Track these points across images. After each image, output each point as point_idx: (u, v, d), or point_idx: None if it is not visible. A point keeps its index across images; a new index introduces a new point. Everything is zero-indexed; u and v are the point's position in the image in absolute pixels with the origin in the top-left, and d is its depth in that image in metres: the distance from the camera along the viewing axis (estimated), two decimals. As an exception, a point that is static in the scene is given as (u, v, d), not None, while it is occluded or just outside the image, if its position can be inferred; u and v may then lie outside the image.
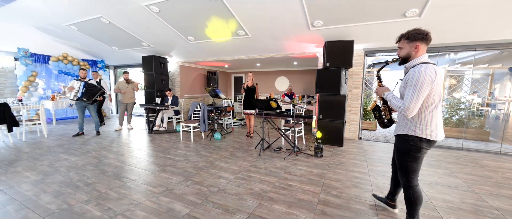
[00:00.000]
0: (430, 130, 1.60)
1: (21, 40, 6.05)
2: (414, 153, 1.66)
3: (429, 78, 1.50)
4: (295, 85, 8.82)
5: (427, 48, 1.68)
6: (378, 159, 3.65)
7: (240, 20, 4.22)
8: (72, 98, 4.89)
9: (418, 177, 1.74)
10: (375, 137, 5.42)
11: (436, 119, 1.61)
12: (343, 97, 4.31)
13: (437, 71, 1.55)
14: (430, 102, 1.58)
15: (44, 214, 1.97)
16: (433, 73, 1.52)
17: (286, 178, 2.84)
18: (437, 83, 1.55)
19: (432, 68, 1.54)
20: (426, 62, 1.58)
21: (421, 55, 1.65)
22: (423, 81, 1.50)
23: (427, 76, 1.50)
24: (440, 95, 1.60)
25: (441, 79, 1.60)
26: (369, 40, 4.40)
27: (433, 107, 1.60)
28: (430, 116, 1.60)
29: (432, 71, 1.52)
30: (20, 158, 3.45)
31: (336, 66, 4.30)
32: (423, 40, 1.64)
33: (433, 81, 1.52)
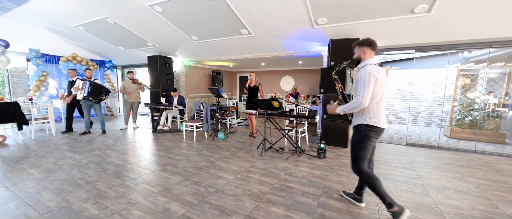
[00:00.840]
0: (377, 119, 1.89)
1: (33, 41, 6.25)
2: (364, 140, 1.93)
3: (373, 74, 1.82)
4: (300, 85, 8.71)
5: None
6: (384, 161, 3.52)
7: (242, 19, 4.18)
8: (78, 97, 5.00)
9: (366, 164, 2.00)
10: (381, 138, 5.24)
11: (379, 109, 1.90)
12: (348, 97, 4.18)
13: (379, 70, 1.86)
14: (375, 95, 1.86)
15: (43, 211, 2.00)
16: (376, 71, 1.84)
17: (286, 179, 2.77)
18: (380, 80, 1.84)
19: (375, 67, 1.87)
20: (372, 63, 1.91)
21: (369, 58, 1.97)
22: (369, 75, 1.81)
23: (371, 73, 1.82)
24: (384, 90, 1.90)
25: (384, 77, 1.89)
26: (376, 38, 4.14)
27: (378, 99, 1.89)
28: (376, 107, 1.89)
29: (375, 69, 1.85)
30: (27, 155, 3.55)
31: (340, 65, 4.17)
32: (369, 46, 1.98)
33: (376, 77, 1.82)
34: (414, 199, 2.34)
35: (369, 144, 1.93)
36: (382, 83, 1.86)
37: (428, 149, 4.34)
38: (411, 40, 4.17)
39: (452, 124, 5.69)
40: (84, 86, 4.96)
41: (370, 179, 1.91)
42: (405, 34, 3.97)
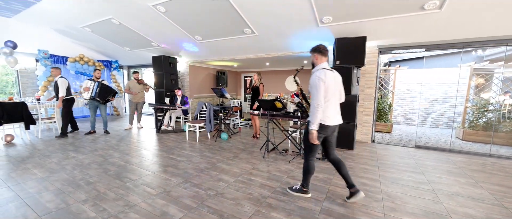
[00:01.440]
0: (324, 117, 2.10)
1: (41, 42, 6.38)
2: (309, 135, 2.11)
3: (320, 79, 2.04)
4: (305, 85, 8.56)
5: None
6: (392, 165, 3.38)
7: (246, 18, 4.11)
8: (85, 97, 5.05)
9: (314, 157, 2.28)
10: (390, 140, 5.07)
11: (329, 109, 2.12)
12: (354, 97, 4.06)
13: (327, 73, 2.07)
14: (328, 98, 2.10)
15: (42, 213, 1.99)
16: (323, 75, 2.05)
17: (289, 183, 2.68)
18: (328, 83, 2.06)
19: (323, 72, 2.08)
20: (323, 68, 2.12)
21: (321, 63, 2.18)
22: (318, 80, 2.04)
23: (319, 77, 2.04)
24: (333, 92, 2.13)
25: (332, 80, 2.11)
26: (384, 36, 4.10)
27: (327, 100, 2.10)
28: (325, 107, 2.09)
29: (322, 73, 2.06)
30: (32, 155, 3.59)
31: (346, 64, 4.05)
32: (320, 52, 2.19)
33: (323, 80, 2.03)
34: (423, 206, 2.21)
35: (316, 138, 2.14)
36: (330, 86, 2.08)
37: (439, 151, 4.15)
38: (421, 38, 4.00)
39: (464, 126, 5.45)
40: (92, 87, 4.99)
41: (309, 169, 2.28)
42: (414, 32, 3.81)
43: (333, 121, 2.16)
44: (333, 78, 2.13)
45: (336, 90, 2.18)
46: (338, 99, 2.26)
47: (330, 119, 2.13)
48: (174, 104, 5.37)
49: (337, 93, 2.20)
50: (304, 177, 2.32)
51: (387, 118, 6.02)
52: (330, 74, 2.12)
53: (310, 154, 2.25)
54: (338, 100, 2.26)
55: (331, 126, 2.14)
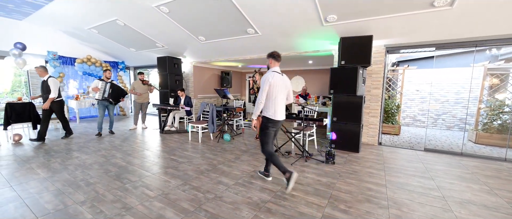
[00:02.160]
0: (271, 112, 2.50)
1: (51, 44, 6.53)
2: (265, 128, 2.55)
3: (267, 80, 2.44)
4: (311, 85, 8.44)
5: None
6: (399, 169, 3.24)
7: (248, 17, 4.06)
8: (97, 98, 5.00)
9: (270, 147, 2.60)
10: (397, 142, 4.89)
11: (275, 106, 2.50)
12: (359, 98, 3.93)
13: (275, 76, 2.46)
14: (270, 95, 2.47)
15: (40, 214, 1.99)
16: (271, 77, 2.44)
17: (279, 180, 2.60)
18: (274, 84, 2.45)
19: (272, 74, 2.47)
20: (273, 71, 2.52)
21: (273, 67, 2.58)
22: (264, 82, 2.45)
23: (266, 79, 2.44)
24: (278, 92, 2.48)
25: (279, 81, 2.49)
26: (391, 35, 3.95)
27: (274, 98, 2.48)
28: (271, 104, 2.49)
29: (270, 76, 2.45)
30: (37, 154, 3.65)
31: (352, 64, 3.93)
32: (273, 58, 2.58)
33: (270, 82, 2.43)
34: (432, 214, 2.08)
35: (268, 131, 2.56)
36: (277, 86, 2.48)
37: (450, 155, 3.96)
38: (431, 37, 3.83)
39: (478, 128, 5.21)
40: (103, 87, 4.96)
41: (271, 156, 2.56)
42: (424, 30, 3.65)
43: (279, 116, 2.54)
44: (280, 80, 2.51)
45: (283, 92, 2.56)
46: (285, 98, 2.63)
47: (278, 114, 2.52)
48: (178, 105, 5.37)
49: (284, 94, 2.58)
50: (274, 163, 2.55)
51: (395, 120, 5.83)
52: (278, 76, 2.51)
53: (266, 144, 2.59)
54: (284, 99, 2.63)
55: (279, 120, 2.55)
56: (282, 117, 2.56)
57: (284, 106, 2.61)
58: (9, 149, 3.98)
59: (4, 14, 5.60)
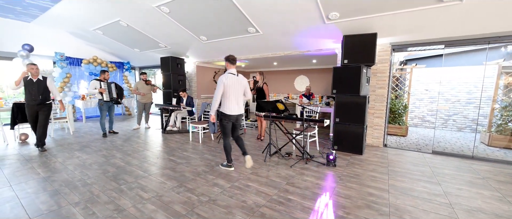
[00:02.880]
0: (226, 108, 2.94)
1: (58, 45, 6.68)
2: (222, 122, 3.00)
3: (221, 81, 2.85)
4: (315, 85, 8.28)
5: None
6: (404, 172, 3.09)
7: (248, 16, 3.99)
8: (105, 99, 4.90)
9: (229, 138, 3.08)
10: (404, 144, 4.71)
11: (229, 103, 2.92)
12: (363, 98, 3.79)
13: (229, 77, 2.87)
14: (225, 94, 2.89)
15: (33, 214, 1.99)
16: (225, 78, 2.85)
17: (287, 190, 2.52)
18: (228, 84, 2.86)
19: (226, 75, 2.89)
20: (229, 72, 2.93)
21: (229, 69, 2.98)
22: (219, 83, 2.87)
23: (222, 80, 2.85)
24: (232, 91, 2.90)
25: (232, 82, 2.90)
26: (396, 32, 3.79)
27: (228, 96, 2.90)
28: (227, 101, 2.92)
29: (225, 77, 2.87)
30: (41, 154, 3.71)
31: (355, 63, 3.79)
32: (228, 61, 2.99)
33: (224, 82, 2.84)
34: (437, 222, 1.96)
35: (224, 123, 3.00)
36: (231, 87, 2.89)
37: (460, 158, 3.76)
38: (440, 34, 3.65)
39: (491, 130, 4.94)
40: (108, 88, 4.92)
41: (226, 148, 3.08)
42: (431, 27, 3.47)
43: (233, 111, 2.97)
44: (235, 81, 2.93)
45: (238, 90, 2.97)
46: (240, 96, 3.02)
47: (231, 109, 2.95)
48: (180, 104, 5.37)
49: (239, 92, 2.99)
50: (226, 154, 3.11)
51: (402, 120, 5.62)
52: (233, 77, 2.92)
53: (225, 135, 3.06)
54: (240, 96, 3.02)
55: (232, 114, 2.97)
56: (237, 112, 2.99)
57: (240, 103, 3.04)
58: (15, 148, 4.08)
59: (13, 17, 5.76)
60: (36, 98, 3.79)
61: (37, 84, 3.78)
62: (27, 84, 3.74)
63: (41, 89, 3.81)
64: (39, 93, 3.80)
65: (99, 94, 4.87)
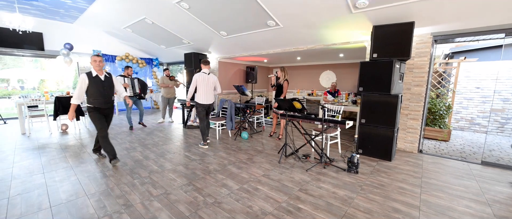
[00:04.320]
0: (199, 98, 3.85)
1: (96, 43, 7.30)
2: (197, 108, 3.94)
3: (195, 78, 3.82)
4: (342, 81, 7.70)
5: None
6: (442, 186, 2.63)
7: (267, 9, 3.78)
8: (129, 94, 5.12)
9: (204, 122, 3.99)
10: (445, 151, 4.07)
11: (201, 94, 3.84)
12: (395, 98, 3.33)
13: (201, 75, 3.83)
14: (198, 88, 3.83)
15: (54, 203, 2.15)
16: (198, 76, 3.81)
17: (299, 197, 2.32)
18: (200, 81, 3.81)
19: (198, 74, 3.84)
20: (202, 71, 3.89)
21: (203, 69, 3.91)
22: (193, 80, 3.82)
23: (195, 77, 3.81)
24: (202, 86, 3.83)
25: (203, 79, 3.84)
26: (441, 20, 3.22)
27: (200, 89, 3.83)
28: (199, 93, 3.83)
29: (197, 75, 3.82)
30: (74, 144, 4.08)
31: (386, 57, 3.34)
32: (203, 63, 3.94)
33: (196, 79, 3.81)
34: (482, 255, 1.58)
35: (200, 110, 3.91)
36: (201, 83, 3.81)
37: (520, 173, 3.09)
38: (499, 21, 2.99)
39: None
40: (130, 83, 5.18)
41: (202, 130, 3.98)
42: (489, 12, 2.85)
43: (204, 101, 3.85)
44: (206, 78, 3.84)
45: (208, 86, 3.86)
46: (210, 90, 3.91)
47: (202, 99, 3.84)
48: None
49: (209, 87, 3.88)
50: (202, 135, 3.99)
51: (444, 123, 4.88)
52: (204, 76, 3.84)
53: (200, 120, 3.95)
54: (210, 90, 3.91)
55: (204, 103, 3.86)
56: (206, 101, 3.88)
57: (210, 95, 3.92)
58: (56, 137, 4.56)
59: (59, 19, 6.42)
60: (109, 100, 3.08)
61: (107, 83, 3.06)
62: (94, 82, 2.91)
63: (112, 88, 3.14)
64: (112, 93, 3.15)
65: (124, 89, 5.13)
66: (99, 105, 2.99)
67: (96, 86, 2.94)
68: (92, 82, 2.91)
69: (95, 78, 2.95)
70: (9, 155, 3.45)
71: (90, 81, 2.90)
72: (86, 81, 2.88)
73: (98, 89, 2.96)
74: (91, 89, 2.92)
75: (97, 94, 2.95)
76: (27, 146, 3.92)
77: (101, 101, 3.00)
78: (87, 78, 2.90)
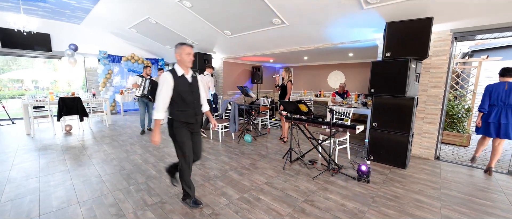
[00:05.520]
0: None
1: (102, 44, 7.32)
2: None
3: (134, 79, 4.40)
4: (351, 82, 7.40)
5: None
6: (465, 200, 2.36)
7: (272, 6, 3.59)
8: (137, 94, 4.88)
9: None
10: (464, 157, 3.76)
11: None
12: (410, 100, 3.07)
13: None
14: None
15: (44, 210, 2.04)
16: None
17: (304, 210, 2.12)
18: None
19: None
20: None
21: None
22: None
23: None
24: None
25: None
26: (462, 15, 2.93)
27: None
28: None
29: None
30: (75, 146, 4.03)
31: (401, 57, 3.08)
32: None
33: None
34: None
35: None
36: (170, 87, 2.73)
37: (553, 185, 2.76)
38: (530, 15, 2.68)
39: None
40: (143, 84, 4.81)
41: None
42: (517, 5, 2.55)
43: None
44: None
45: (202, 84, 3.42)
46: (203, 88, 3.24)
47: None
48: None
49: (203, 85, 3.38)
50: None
51: (463, 127, 4.53)
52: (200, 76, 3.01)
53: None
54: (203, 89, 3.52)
55: None
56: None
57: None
58: (59, 138, 4.53)
59: (66, 19, 6.46)
60: (199, 111, 2.18)
61: (195, 86, 2.16)
62: (181, 85, 2.01)
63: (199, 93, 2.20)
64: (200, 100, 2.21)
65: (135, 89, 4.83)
66: (186, 118, 2.04)
67: (184, 90, 2.01)
68: (178, 85, 1.98)
69: (181, 79, 2.01)
70: (10, 156, 3.41)
71: (176, 83, 1.97)
72: (171, 83, 1.95)
73: (187, 95, 2.02)
74: (177, 95, 1.98)
75: (185, 103, 2.02)
76: (30, 147, 3.90)
77: (191, 113, 2.06)
78: (172, 79, 1.96)
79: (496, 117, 3.00)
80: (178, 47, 2.04)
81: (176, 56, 2.05)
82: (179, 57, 2.03)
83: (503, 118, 2.94)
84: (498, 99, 2.98)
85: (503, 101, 2.95)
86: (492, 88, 3.05)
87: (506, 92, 2.93)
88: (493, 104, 3.04)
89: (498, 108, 3.00)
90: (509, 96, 2.90)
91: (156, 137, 2.00)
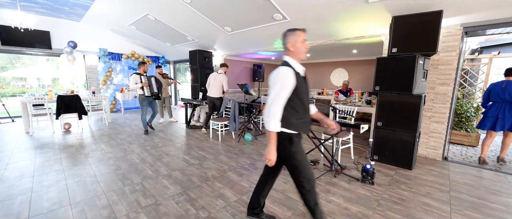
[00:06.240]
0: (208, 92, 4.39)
1: (102, 42, 7.26)
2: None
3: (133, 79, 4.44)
4: (355, 79, 7.24)
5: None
6: (477, 204, 2.23)
7: (273, 1, 3.46)
8: (147, 94, 4.60)
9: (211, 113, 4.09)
10: (474, 158, 3.61)
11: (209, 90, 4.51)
12: (417, 98, 2.93)
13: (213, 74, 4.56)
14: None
15: (34, 212, 1.96)
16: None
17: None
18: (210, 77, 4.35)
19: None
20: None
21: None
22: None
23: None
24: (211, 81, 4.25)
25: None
26: (474, 8, 2.77)
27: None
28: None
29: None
30: (73, 145, 3.96)
31: (408, 52, 2.94)
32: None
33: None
34: None
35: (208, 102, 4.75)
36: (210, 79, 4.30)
37: None
38: (547, 7, 2.51)
39: None
40: (147, 82, 4.63)
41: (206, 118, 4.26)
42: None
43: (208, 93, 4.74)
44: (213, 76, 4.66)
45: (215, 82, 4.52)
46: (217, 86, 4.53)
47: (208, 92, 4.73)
48: (203, 100, 5.22)
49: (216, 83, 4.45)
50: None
51: (471, 126, 4.37)
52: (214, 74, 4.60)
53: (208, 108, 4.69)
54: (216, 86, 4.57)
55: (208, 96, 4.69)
56: (210, 94, 4.70)
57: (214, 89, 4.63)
58: (58, 136, 4.48)
59: (65, 17, 6.40)
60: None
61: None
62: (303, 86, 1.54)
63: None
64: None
65: (140, 89, 4.55)
66: (303, 128, 1.58)
67: (305, 92, 1.54)
68: (300, 84, 1.47)
69: (300, 78, 1.50)
70: (6, 155, 3.36)
71: (298, 83, 1.46)
72: (293, 83, 1.44)
73: (306, 98, 1.56)
74: (297, 99, 1.49)
75: (304, 109, 1.55)
76: (27, 145, 3.85)
77: (309, 122, 1.63)
78: (294, 77, 1.44)
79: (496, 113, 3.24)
80: (291, 34, 1.50)
81: (289, 46, 1.50)
82: (293, 47, 1.49)
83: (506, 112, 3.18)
84: (498, 96, 3.25)
85: (501, 98, 3.20)
86: (491, 87, 3.34)
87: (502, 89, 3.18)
88: (494, 101, 3.30)
89: (498, 105, 3.25)
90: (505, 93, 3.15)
91: (273, 155, 1.47)
